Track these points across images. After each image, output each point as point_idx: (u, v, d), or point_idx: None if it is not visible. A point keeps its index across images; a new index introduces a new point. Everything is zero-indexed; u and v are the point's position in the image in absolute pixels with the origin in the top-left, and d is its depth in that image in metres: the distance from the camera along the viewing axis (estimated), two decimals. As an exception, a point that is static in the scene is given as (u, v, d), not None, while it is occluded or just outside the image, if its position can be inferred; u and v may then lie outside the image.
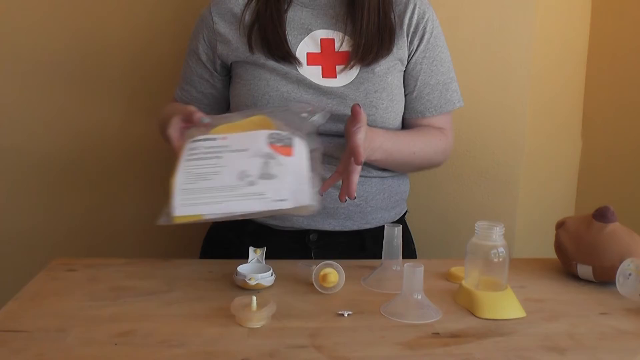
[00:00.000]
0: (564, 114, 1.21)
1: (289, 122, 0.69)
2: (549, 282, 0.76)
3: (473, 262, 0.67)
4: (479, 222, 0.66)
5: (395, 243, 0.72)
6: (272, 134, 0.67)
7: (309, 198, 0.61)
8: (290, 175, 0.62)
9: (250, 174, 0.62)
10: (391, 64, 0.85)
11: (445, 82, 0.89)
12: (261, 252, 0.75)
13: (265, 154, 0.64)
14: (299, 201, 0.60)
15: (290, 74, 0.82)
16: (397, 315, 0.64)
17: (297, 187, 0.61)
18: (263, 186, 0.61)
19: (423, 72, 0.88)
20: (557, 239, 0.78)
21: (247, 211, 0.60)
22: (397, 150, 0.82)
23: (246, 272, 0.70)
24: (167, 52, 1.13)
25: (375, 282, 0.73)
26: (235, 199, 0.60)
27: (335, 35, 0.84)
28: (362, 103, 0.82)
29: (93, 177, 1.17)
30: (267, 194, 0.60)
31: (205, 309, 0.65)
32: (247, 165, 0.63)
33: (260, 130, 0.67)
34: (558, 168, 1.23)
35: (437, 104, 0.88)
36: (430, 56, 0.87)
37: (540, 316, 0.66)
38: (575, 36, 1.20)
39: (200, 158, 0.64)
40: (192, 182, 0.62)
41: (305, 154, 0.66)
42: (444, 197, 1.15)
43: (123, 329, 0.60)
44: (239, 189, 0.61)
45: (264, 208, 0.60)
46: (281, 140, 0.66)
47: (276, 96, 0.81)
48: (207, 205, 0.60)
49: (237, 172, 0.62)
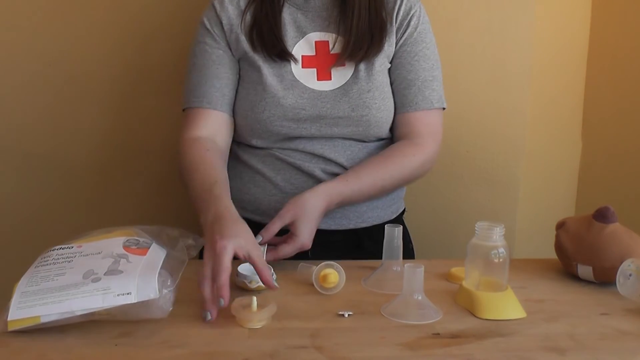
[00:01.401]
0: (564, 114, 1.21)
1: (157, 238, 0.68)
2: (550, 282, 0.76)
3: (473, 262, 0.67)
4: (479, 222, 0.66)
5: (395, 244, 0.73)
6: (130, 239, 0.66)
7: (154, 293, 0.58)
8: (138, 270, 0.61)
9: (96, 272, 0.60)
10: (382, 61, 0.86)
11: (425, 79, 0.87)
12: (263, 250, 0.75)
13: (117, 254, 0.63)
14: (145, 295, 0.58)
15: (286, 77, 0.84)
16: (397, 316, 0.64)
17: (144, 281, 0.59)
18: (108, 282, 0.59)
19: (402, 65, 0.88)
20: (557, 239, 0.78)
21: (89, 308, 0.57)
22: (360, 194, 0.82)
23: (247, 273, 0.70)
24: (162, 54, 1.13)
25: (375, 282, 0.73)
26: (76, 296, 0.57)
27: (329, 37, 0.86)
28: (355, 103, 0.84)
29: (86, 177, 1.17)
30: (112, 289, 0.58)
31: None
32: (95, 265, 0.61)
33: (120, 237, 0.67)
34: (558, 168, 1.23)
35: (412, 100, 0.87)
36: (411, 51, 0.87)
37: (541, 317, 0.66)
38: (575, 36, 1.20)
39: (50, 264, 0.63)
40: (34, 284, 0.59)
41: (160, 255, 0.65)
42: (444, 197, 1.15)
43: (123, 329, 0.60)
44: (82, 286, 0.58)
45: (108, 304, 0.57)
46: (138, 244, 0.66)
47: (272, 102, 0.83)
48: (45, 305, 0.57)
49: (83, 272, 0.60)
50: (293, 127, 0.84)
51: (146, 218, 1.15)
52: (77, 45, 1.13)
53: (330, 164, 0.86)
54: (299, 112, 0.84)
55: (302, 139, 0.86)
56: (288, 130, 0.85)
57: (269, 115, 0.84)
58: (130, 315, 0.59)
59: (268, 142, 0.87)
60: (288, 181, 0.86)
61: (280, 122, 0.84)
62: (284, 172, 0.86)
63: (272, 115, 0.84)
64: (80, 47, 1.13)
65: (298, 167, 0.86)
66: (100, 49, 1.13)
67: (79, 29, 1.13)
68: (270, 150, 0.87)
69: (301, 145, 0.86)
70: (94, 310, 0.58)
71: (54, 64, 1.13)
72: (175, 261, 0.65)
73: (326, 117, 0.84)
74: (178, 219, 1.14)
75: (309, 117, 0.84)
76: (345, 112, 0.84)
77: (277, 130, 0.85)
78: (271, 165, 0.87)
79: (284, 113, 0.84)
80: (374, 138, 0.88)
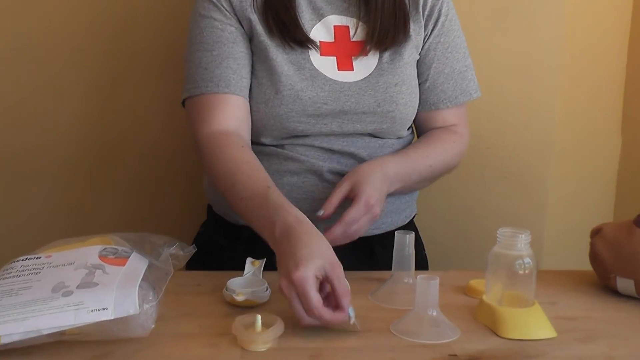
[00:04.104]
0: (600, 106, 1.20)
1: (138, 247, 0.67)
2: (584, 297, 0.76)
3: (495, 274, 0.66)
4: (501, 228, 0.66)
5: (406, 252, 0.72)
6: (107, 248, 0.65)
7: (134, 308, 0.57)
8: (116, 283, 0.59)
9: (67, 285, 0.59)
10: (411, 52, 0.86)
11: (460, 71, 0.89)
12: (260, 265, 0.74)
13: (92, 265, 0.62)
14: (123, 310, 0.56)
15: (305, 67, 0.82)
16: (409, 334, 0.63)
17: (122, 295, 0.58)
18: (81, 296, 0.57)
19: (437, 59, 0.88)
20: (592, 248, 0.78)
21: (59, 326, 0.55)
22: (412, 171, 0.83)
23: (235, 287, 0.69)
24: (152, 36, 1.10)
25: (384, 296, 0.73)
26: (44, 313, 0.56)
27: (349, 22, 0.85)
28: (381, 98, 0.83)
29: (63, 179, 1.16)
30: (85, 304, 0.56)
31: (193, 327, 0.64)
32: (67, 277, 0.60)
33: (95, 245, 0.66)
34: (593, 167, 1.21)
35: (451, 95, 0.89)
36: (445, 41, 0.88)
37: (574, 337, 0.65)
38: (614, 19, 1.18)
39: (13, 276, 0.61)
40: None
41: (141, 266, 0.64)
42: (460, 200, 1.15)
43: (99, 350, 0.59)
44: (50, 301, 0.57)
45: (80, 321, 0.55)
46: (116, 253, 0.64)
47: (290, 96, 0.81)
48: (7, 324, 0.55)
49: (53, 285, 0.59)
50: (312, 123, 0.83)
51: (131, 224, 1.15)
52: (49, 26, 1.08)
53: (349, 159, 0.84)
54: (319, 106, 0.82)
55: (319, 136, 0.84)
56: (306, 126, 0.83)
57: (286, 110, 0.81)
58: (106, 334, 0.57)
59: (279, 139, 0.85)
60: (295, 185, 0.84)
61: (298, 117, 0.82)
62: (289, 175, 0.84)
63: (290, 111, 0.81)
64: (54, 30, 1.08)
65: (309, 169, 0.84)
66: (76, 31, 1.09)
67: (52, 7, 1.08)
68: (277, 148, 0.85)
69: (317, 142, 0.84)
70: (64, 329, 0.56)
71: (22, 50, 1.09)
72: (159, 272, 0.64)
73: (349, 113, 0.83)
74: (166, 225, 1.13)
75: (330, 113, 0.83)
76: (371, 108, 0.83)
77: (294, 127, 0.82)
78: (277, 166, 0.84)
79: (303, 108, 0.81)
80: (394, 136, 0.88)
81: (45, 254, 0.66)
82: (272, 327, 0.60)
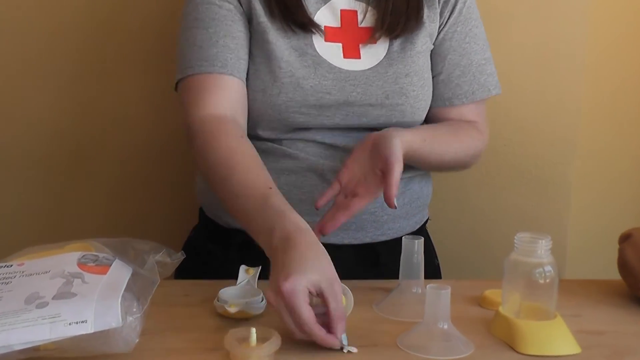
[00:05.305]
0: (629, 103, 1.19)
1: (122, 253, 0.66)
2: (611, 309, 0.75)
3: (513, 283, 0.66)
4: (519, 233, 0.65)
5: (415, 260, 0.71)
6: (87, 254, 0.65)
7: (116, 321, 0.56)
8: (96, 293, 0.58)
9: (42, 295, 0.58)
10: (425, 41, 0.85)
11: (479, 64, 0.88)
12: (254, 273, 0.74)
13: (70, 273, 0.61)
14: (104, 323, 0.55)
15: (307, 52, 0.81)
16: (417, 349, 0.62)
17: (103, 307, 0.57)
18: (57, 307, 0.56)
19: (453, 50, 0.87)
20: (621, 255, 0.77)
21: (33, 341, 0.54)
22: (427, 152, 0.80)
23: (228, 298, 0.69)
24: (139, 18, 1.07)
25: (390, 307, 0.72)
26: (15, 326, 0.55)
27: (357, 6, 0.83)
28: (390, 89, 0.82)
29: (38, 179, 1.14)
30: (62, 316, 0.55)
31: (181, 341, 0.64)
32: (42, 287, 0.59)
33: (74, 252, 0.65)
34: (621, 168, 1.20)
35: (468, 90, 0.87)
36: (462, 31, 0.86)
37: (600, 352, 0.64)
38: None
39: None
40: None
41: (125, 274, 0.63)
42: (475, 202, 1.14)
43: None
44: (23, 313, 0.56)
45: (57, 335, 0.54)
46: (97, 260, 0.64)
47: (290, 84, 0.79)
48: None
49: (26, 295, 0.58)
50: (313, 114, 0.81)
51: (114, 229, 1.13)
52: (23, 7, 1.05)
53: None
54: (322, 96, 0.80)
55: (320, 130, 0.83)
56: (307, 118, 0.81)
57: (285, 99, 0.80)
58: (85, 349, 0.56)
59: (277, 132, 0.83)
60: (293, 185, 0.82)
61: (298, 108, 0.80)
62: (287, 174, 0.83)
63: (289, 100, 0.80)
64: (28, 12, 1.06)
65: (309, 167, 0.82)
66: (54, 15, 1.06)
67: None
68: (274, 143, 0.83)
69: (319, 136, 0.83)
70: (38, 344, 0.55)
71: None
72: (144, 282, 0.63)
73: (354, 104, 0.81)
74: (153, 230, 1.12)
75: (334, 103, 0.81)
76: (378, 99, 0.82)
77: (294, 118, 0.81)
78: (273, 164, 0.82)
79: (304, 97, 0.80)
80: None
81: (17, 262, 0.65)
82: (267, 342, 0.59)
